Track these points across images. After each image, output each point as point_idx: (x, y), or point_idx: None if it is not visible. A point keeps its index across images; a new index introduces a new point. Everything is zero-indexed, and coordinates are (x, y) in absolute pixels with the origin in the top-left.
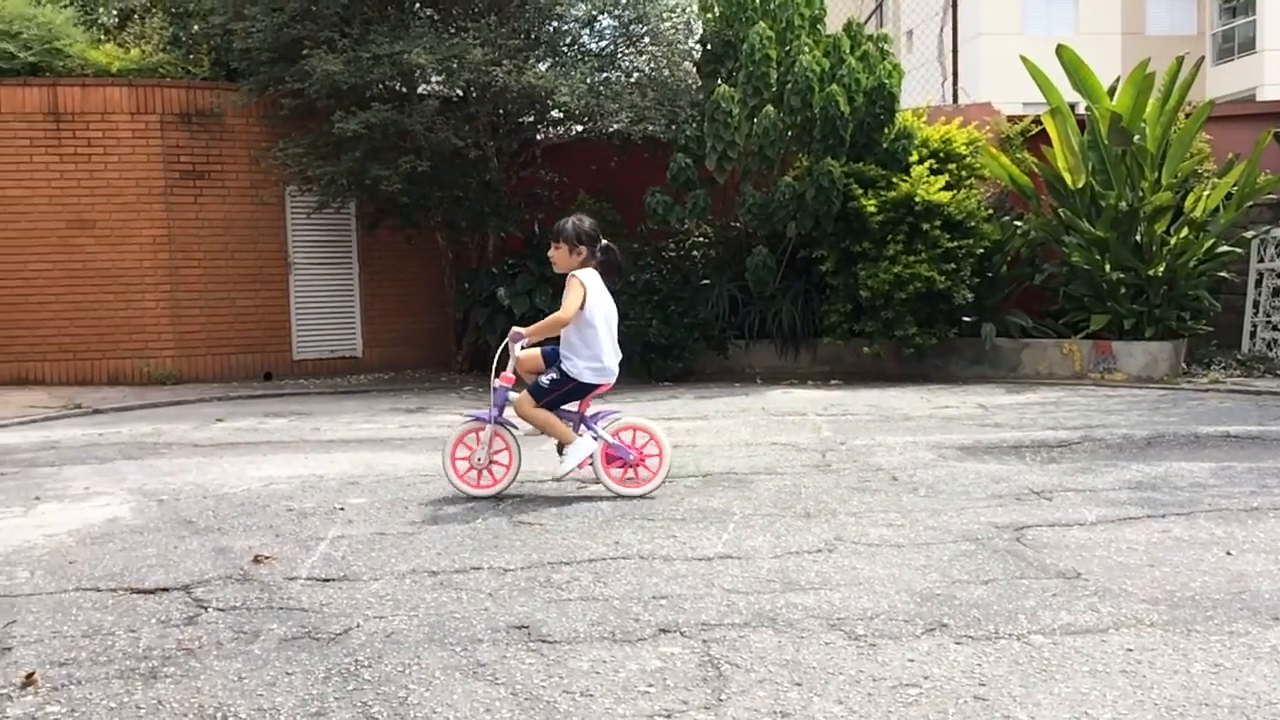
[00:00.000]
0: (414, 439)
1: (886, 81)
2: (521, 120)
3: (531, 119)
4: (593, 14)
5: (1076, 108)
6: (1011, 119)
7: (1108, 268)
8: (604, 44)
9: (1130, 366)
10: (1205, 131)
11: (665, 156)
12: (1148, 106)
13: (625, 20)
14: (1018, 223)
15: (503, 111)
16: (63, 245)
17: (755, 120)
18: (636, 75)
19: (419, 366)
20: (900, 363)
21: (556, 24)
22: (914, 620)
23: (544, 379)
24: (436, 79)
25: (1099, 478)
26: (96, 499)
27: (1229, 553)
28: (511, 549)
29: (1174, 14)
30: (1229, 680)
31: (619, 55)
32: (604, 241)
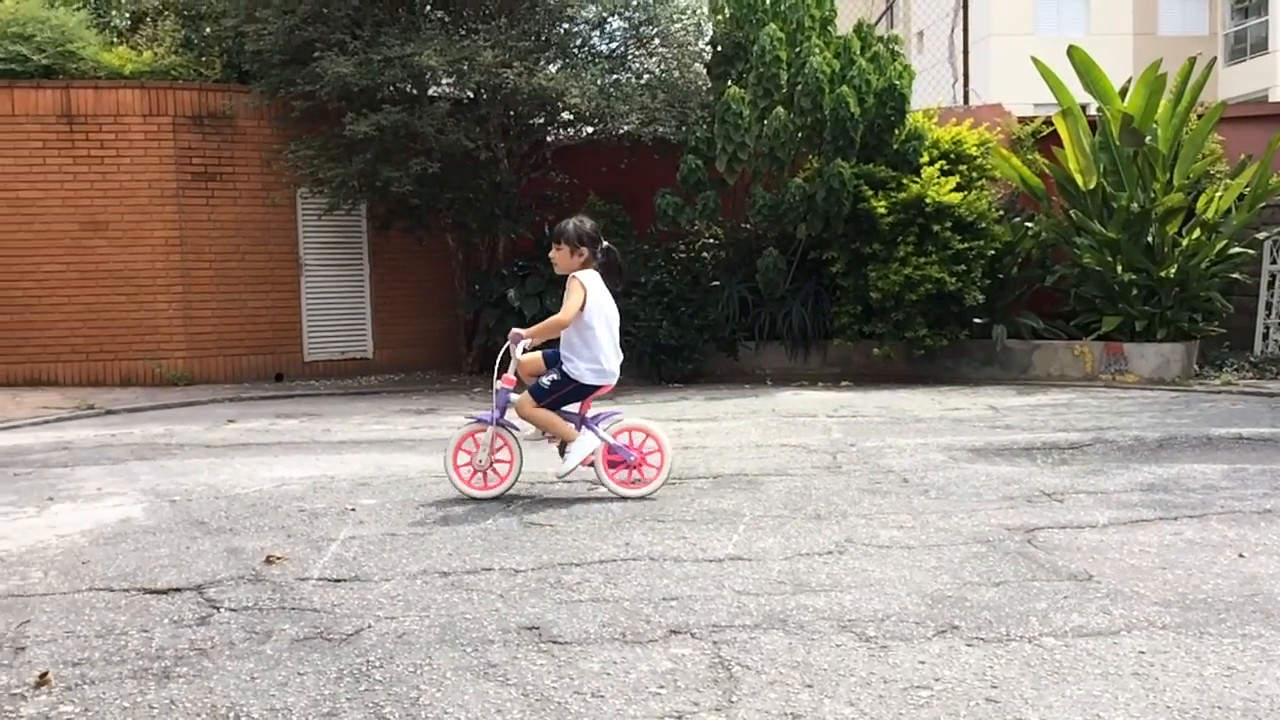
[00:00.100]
0: (424, 440)
1: (897, 83)
2: (532, 122)
3: (542, 121)
4: (603, 16)
5: (1088, 109)
6: (1022, 120)
7: (1119, 269)
8: (614, 46)
9: (1142, 368)
10: (1217, 132)
11: (675, 158)
12: (1160, 107)
13: (635, 22)
14: (1029, 224)
15: (513, 113)
16: (76, 247)
17: (765, 122)
18: (647, 77)
19: (429, 368)
20: (911, 364)
21: (567, 26)
22: (925, 622)
23: (545, 380)
24: (447, 81)
25: (1111, 480)
26: (109, 499)
27: (1242, 555)
28: (522, 550)
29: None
30: (1242, 683)
31: (629, 57)
32: (605, 243)
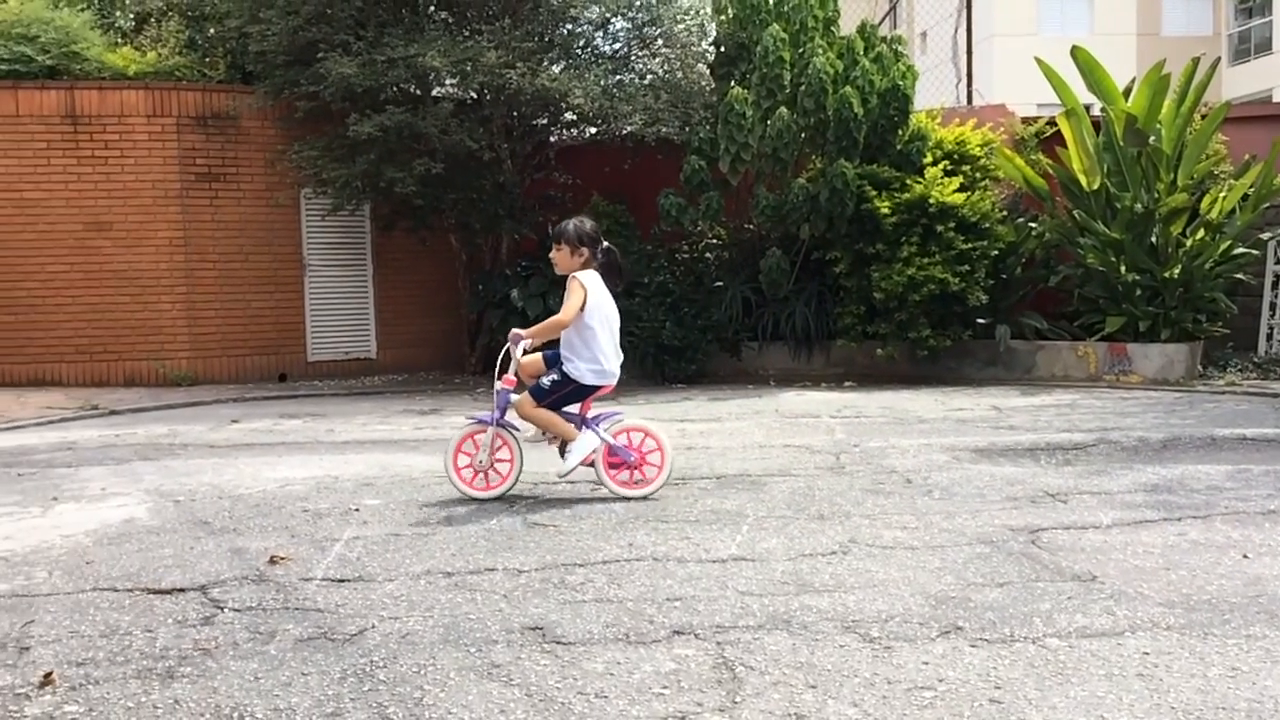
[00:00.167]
0: (428, 440)
1: (900, 83)
2: (535, 122)
3: (545, 121)
4: (606, 16)
5: (1091, 109)
6: (1026, 120)
7: (1123, 269)
8: (618, 46)
9: (1145, 369)
10: (1221, 133)
11: (679, 158)
12: (1163, 108)
13: (639, 23)
14: (1032, 224)
15: (517, 114)
16: (79, 247)
17: (769, 122)
18: (650, 77)
19: (433, 368)
20: (914, 365)
21: (570, 27)
22: (929, 623)
23: (545, 380)
24: (451, 82)
25: (1114, 480)
26: (113, 500)
27: (1246, 556)
28: (526, 550)
29: (1190, 15)
30: (1246, 684)
31: (633, 57)
32: (605, 243)
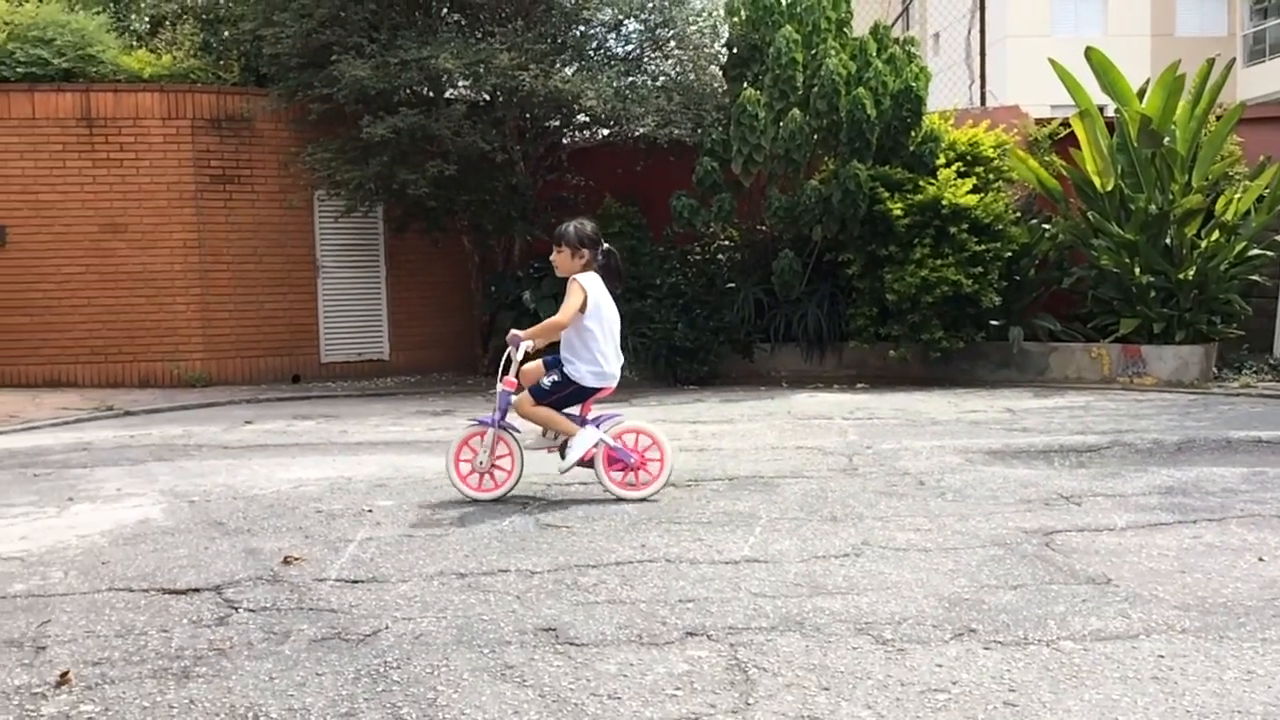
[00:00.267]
0: (441, 442)
1: (913, 84)
2: (548, 124)
3: (558, 123)
4: (619, 18)
5: (1105, 110)
6: (1039, 121)
7: (1137, 271)
8: (630, 48)
9: (1160, 371)
10: (1236, 134)
11: (691, 160)
12: (1178, 109)
13: (651, 24)
14: (1046, 226)
15: (529, 115)
16: (95, 249)
17: (781, 124)
18: (662, 79)
19: (445, 369)
20: (926, 366)
21: (583, 28)
22: (942, 625)
23: (545, 381)
24: (463, 83)
25: (1129, 483)
26: (128, 500)
27: (1261, 559)
28: (538, 551)
29: (1204, 15)
30: (1262, 688)
31: (645, 59)
32: (605, 245)
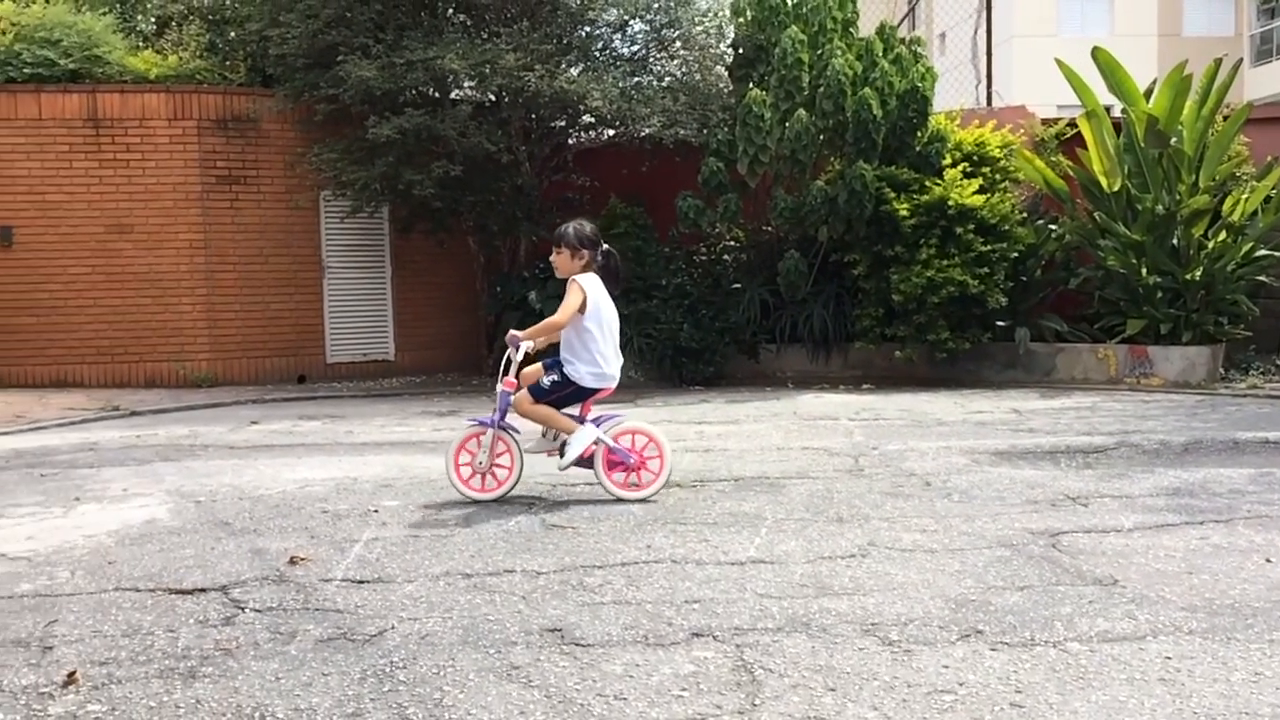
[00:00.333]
0: (446, 442)
1: (919, 85)
2: (553, 125)
3: (563, 123)
4: (624, 19)
5: (1112, 110)
6: (1046, 122)
7: (1144, 272)
8: (636, 49)
9: (1167, 371)
10: (1243, 134)
11: (697, 160)
12: (1185, 109)
13: (657, 25)
14: (1052, 226)
15: (535, 116)
16: (101, 249)
17: (787, 124)
18: (668, 79)
19: (451, 370)
20: (933, 367)
21: (588, 29)
22: (948, 626)
23: (545, 380)
24: (469, 84)
25: (1135, 484)
26: (135, 500)
27: (1269, 560)
28: (544, 552)
29: (1211, 15)
30: (1269, 689)
31: (651, 60)
32: (605, 246)
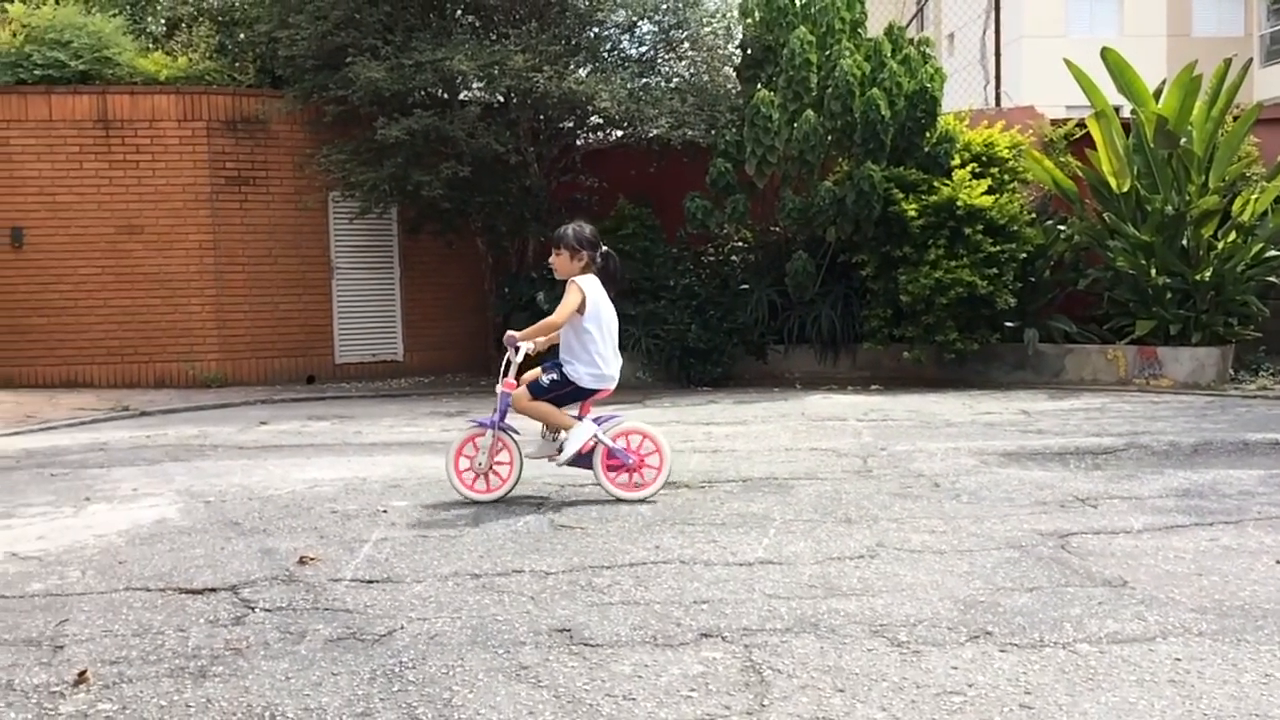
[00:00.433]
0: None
1: (928, 85)
2: (562, 126)
3: (571, 124)
4: (633, 20)
5: (1121, 111)
6: (1055, 122)
7: (1153, 272)
8: (644, 50)
9: (1176, 372)
10: (1253, 134)
11: (705, 161)
12: (1194, 109)
13: (665, 26)
14: (1061, 227)
15: (543, 117)
16: (111, 250)
17: (795, 125)
18: (676, 80)
19: (459, 370)
20: (941, 368)
21: (597, 30)
22: (957, 627)
23: (544, 379)
24: (478, 85)
25: (1145, 485)
26: (145, 500)
27: (1279, 562)
28: (553, 552)
29: (1221, 15)
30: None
31: (659, 61)
32: (604, 248)
